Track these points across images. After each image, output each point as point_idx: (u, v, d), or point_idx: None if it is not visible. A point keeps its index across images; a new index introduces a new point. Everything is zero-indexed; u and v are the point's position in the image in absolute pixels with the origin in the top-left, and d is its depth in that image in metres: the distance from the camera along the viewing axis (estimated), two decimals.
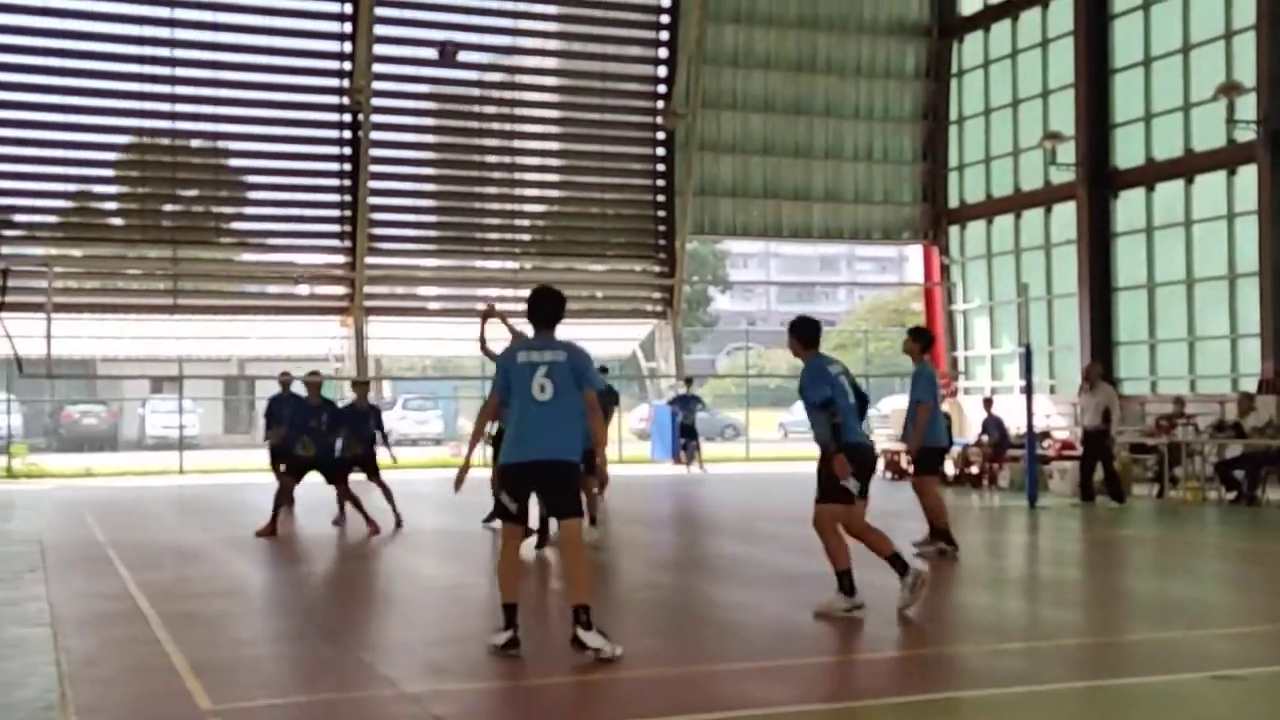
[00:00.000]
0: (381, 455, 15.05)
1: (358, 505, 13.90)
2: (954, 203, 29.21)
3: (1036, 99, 26.47)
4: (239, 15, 25.79)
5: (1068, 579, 11.45)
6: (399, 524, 14.18)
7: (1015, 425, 20.70)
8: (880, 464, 23.22)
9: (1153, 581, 11.14)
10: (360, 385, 15.19)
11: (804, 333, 8.90)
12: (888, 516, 12.51)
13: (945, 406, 22.70)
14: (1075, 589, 10.75)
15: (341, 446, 14.30)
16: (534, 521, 10.63)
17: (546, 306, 7.66)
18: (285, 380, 16.87)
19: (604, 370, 19.48)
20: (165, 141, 26.09)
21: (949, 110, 29.19)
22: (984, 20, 28.04)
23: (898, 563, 8.56)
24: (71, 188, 25.87)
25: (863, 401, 8.94)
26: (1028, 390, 17.63)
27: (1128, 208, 24.51)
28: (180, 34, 25.47)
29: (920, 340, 12.19)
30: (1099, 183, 24.64)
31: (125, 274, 27.32)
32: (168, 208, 26.53)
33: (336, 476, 14.08)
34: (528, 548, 8.67)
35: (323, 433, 13.92)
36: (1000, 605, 9.60)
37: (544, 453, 7.36)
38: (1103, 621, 9.04)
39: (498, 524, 8.17)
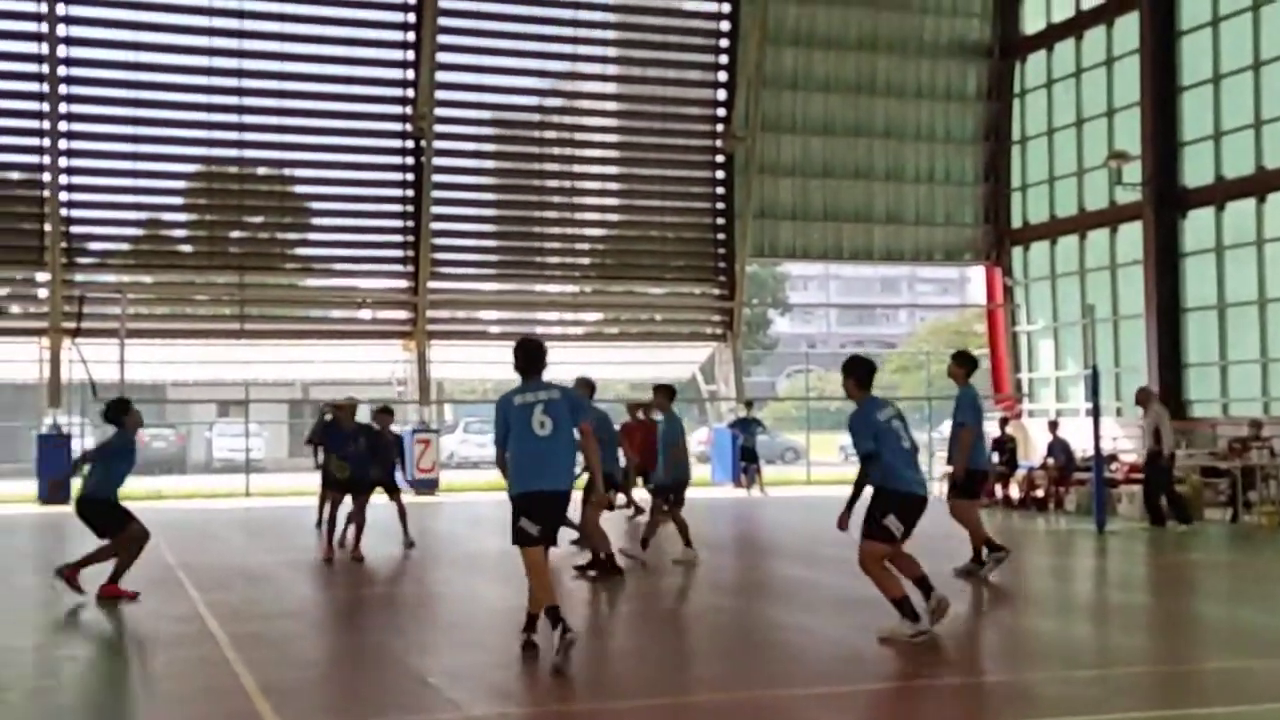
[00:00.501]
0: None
1: (360, 527, 13.99)
2: (1017, 223, 28.94)
3: (1101, 118, 26.19)
4: (305, 45, 26.22)
5: (1138, 604, 11.27)
6: (410, 545, 14.46)
7: (1081, 448, 20.44)
8: (945, 487, 23.12)
9: (1226, 608, 10.93)
10: (384, 414, 15.45)
11: (861, 374, 8.87)
12: (948, 539, 12.40)
13: (1010, 429, 22.59)
14: (1146, 615, 10.57)
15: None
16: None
17: (534, 357, 8.40)
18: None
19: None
20: (233, 170, 26.56)
21: (1011, 130, 28.97)
22: (1047, 39, 27.81)
23: (905, 607, 8.52)
24: (143, 216, 26.40)
25: (914, 449, 8.91)
26: (1094, 413, 17.38)
27: (1196, 227, 24.14)
28: (248, 65, 25.94)
29: (965, 364, 12.14)
30: (1166, 202, 24.29)
31: (194, 300, 27.80)
32: (235, 234, 26.98)
33: (362, 495, 14.25)
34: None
35: (360, 455, 14.15)
36: (1069, 631, 9.47)
37: (553, 483, 8.09)
38: (1175, 649, 8.89)
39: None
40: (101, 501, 10.80)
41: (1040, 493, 20.64)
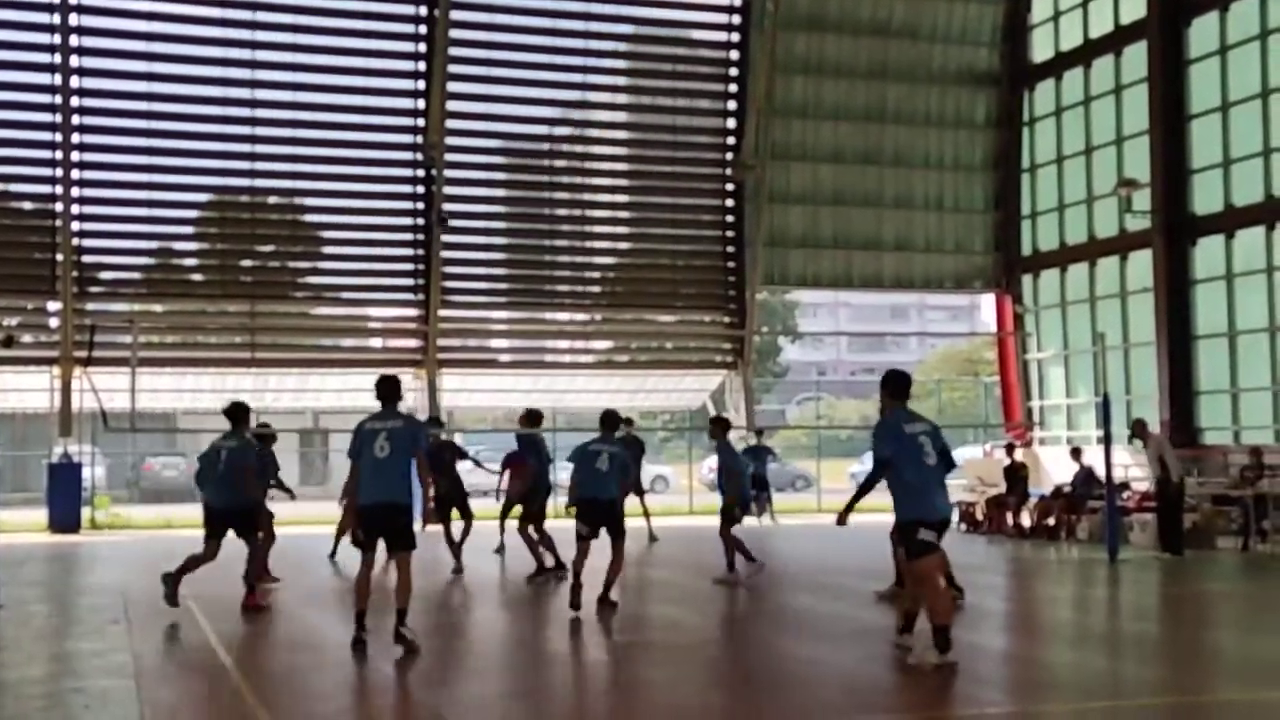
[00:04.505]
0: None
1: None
2: (1027, 251, 28.92)
3: (1110, 146, 26.19)
4: (316, 76, 26.37)
5: (1151, 634, 11.20)
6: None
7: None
8: (955, 514, 23.05)
9: (1241, 638, 10.85)
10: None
11: (891, 386, 9.06)
12: (958, 569, 12.34)
13: (1020, 456, 22.52)
14: (1159, 645, 10.51)
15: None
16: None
17: (389, 389, 9.98)
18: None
19: (629, 422, 20.28)
20: (244, 199, 26.66)
21: (1021, 158, 28.99)
22: (1056, 68, 27.86)
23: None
24: (154, 245, 26.50)
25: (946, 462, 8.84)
26: (1106, 441, 17.33)
27: (1206, 255, 24.11)
28: (260, 94, 26.09)
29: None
30: (1176, 230, 24.28)
31: (205, 329, 27.88)
32: (246, 263, 27.05)
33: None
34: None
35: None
36: (1083, 661, 9.41)
37: (382, 496, 9.56)
38: (1188, 680, 8.83)
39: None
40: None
41: (1052, 521, 20.54)
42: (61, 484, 23.97)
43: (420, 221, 26.77)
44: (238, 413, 12.31)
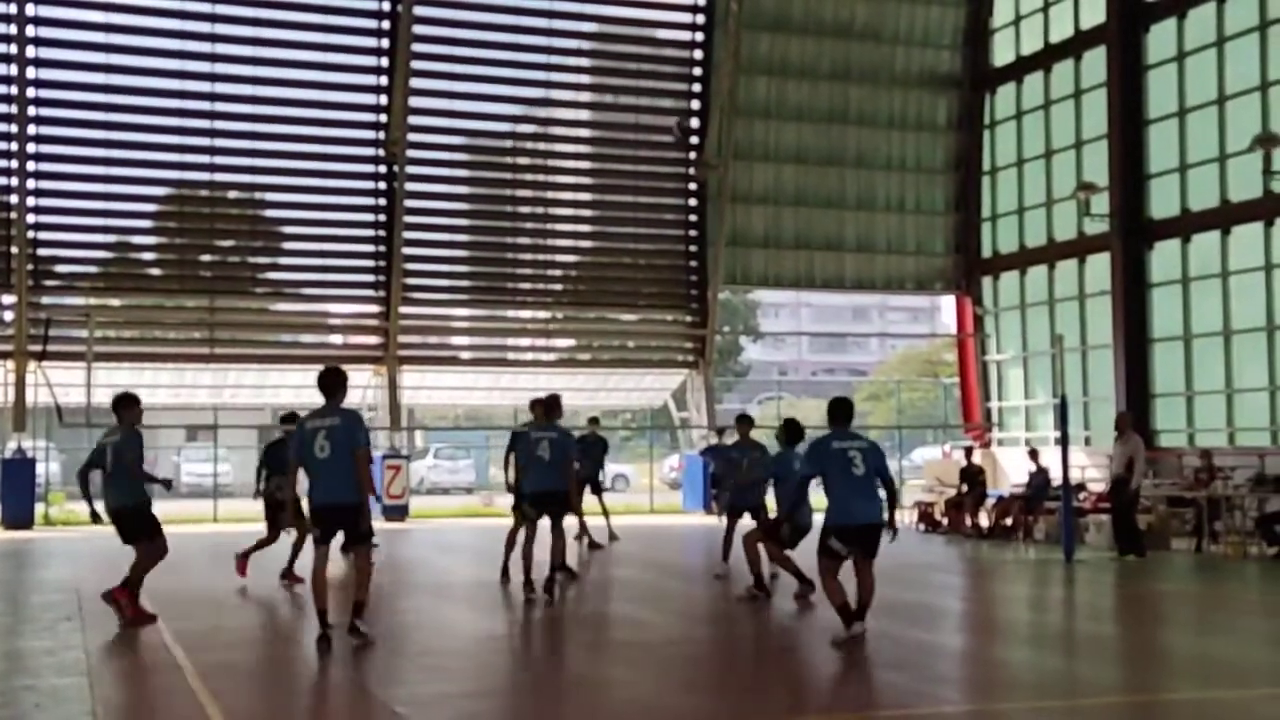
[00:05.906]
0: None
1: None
2: (987, 253, 29.13)
3: (1070, 150, 26.43)
4: (277, 70, 26.16)
5: (1106, 634, 11.30)
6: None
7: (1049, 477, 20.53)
8: (914, 515, 23.17)
9: (1194, 638, 10.97)
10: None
11: (830, 412, 9.80)
12: (915, 569, 12.41)
13: (977, 458, 22.69)
14: (1115, 645, 10.60)
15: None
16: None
17: (329, 383, 9.67)
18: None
19: (595, 421, 20.33)
20: (204, 193, 26.41)
21: (981, 161, 29.20)
22: (1016, 72, 28.07)
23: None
24: (111, 239, 26.19)
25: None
26: (1063, 442, 17.47)
27: (1163, 259, 24.37)
28: (220, 88, 25.85)
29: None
30: (1133, 234, 24.52)
31: (163, 323, 27.59)
32: (205, 258, 26.81)
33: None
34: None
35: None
36: (1040, 661, 9.48)
37: (327, 498, 9.41)
38: (1144, 679, 8.92)
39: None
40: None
41: (1009, 521, 20.69)
42: (15, 479, 23.64)
43: (381, 218, 26.62)
44: (119, 404, 11.58)
